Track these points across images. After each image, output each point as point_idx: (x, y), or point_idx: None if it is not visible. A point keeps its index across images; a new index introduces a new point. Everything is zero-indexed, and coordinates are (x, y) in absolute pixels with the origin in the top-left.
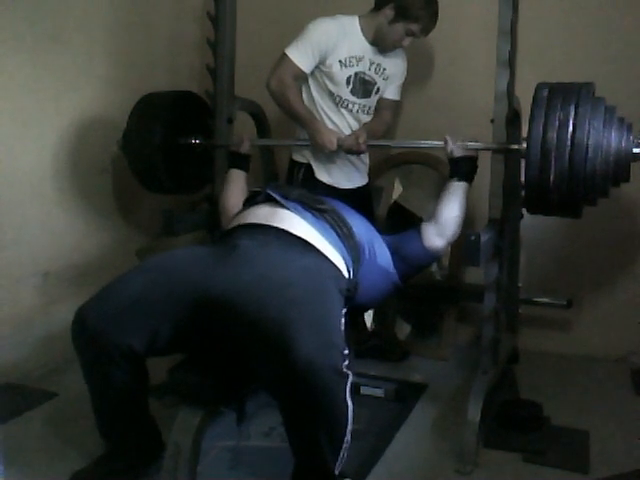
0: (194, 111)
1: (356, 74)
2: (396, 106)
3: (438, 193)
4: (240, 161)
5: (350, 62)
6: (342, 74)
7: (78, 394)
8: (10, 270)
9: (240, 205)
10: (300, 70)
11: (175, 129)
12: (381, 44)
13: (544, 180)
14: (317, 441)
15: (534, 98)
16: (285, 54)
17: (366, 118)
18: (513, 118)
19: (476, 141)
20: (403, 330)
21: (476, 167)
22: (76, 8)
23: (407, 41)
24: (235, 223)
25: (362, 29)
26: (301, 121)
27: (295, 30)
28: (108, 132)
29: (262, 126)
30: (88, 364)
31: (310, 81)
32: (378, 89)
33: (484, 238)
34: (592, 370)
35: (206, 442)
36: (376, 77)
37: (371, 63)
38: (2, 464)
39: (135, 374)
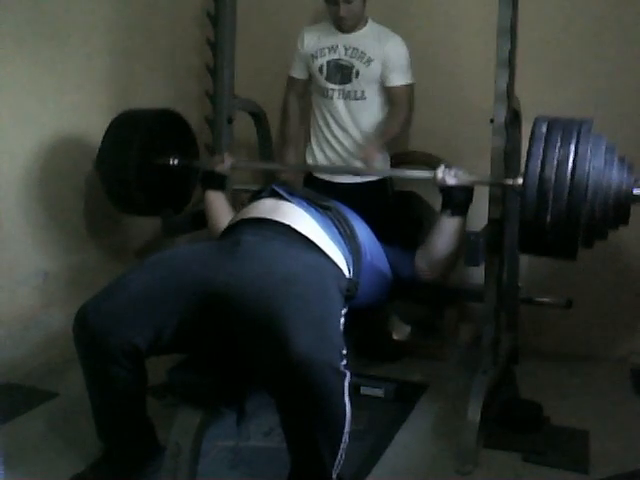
0: (172, 130)
1: (328, 62)
2: (409, 90)
3: (438, 194)
4: (216, 181)
5: (322, 52)
6: (316, 65)
7: (78, 394)
8: (10, 270)
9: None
10: (296, 79)
11: (152, 149)
12: (339, 27)
13: (540, 220)
14: (314, 440)
15: (532, 133)
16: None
17: (357, 104)
18: (512, 118)
19: (470, 174)
20: (403, 330)
21: (471, 198)
22: (76, 8)
23: (342, 10)
24: (238, 217)
25: (330, 21)
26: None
27: (295, 30)
28: None
29: (262, 126)
30: (89, 363)
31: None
32: (357, 72)
33: (484, 238)
34: (592, 370)
35: (206, 442)
36: (354, 61)
37: (346, 49)
38: (2, 464)
39: (136, 373)
